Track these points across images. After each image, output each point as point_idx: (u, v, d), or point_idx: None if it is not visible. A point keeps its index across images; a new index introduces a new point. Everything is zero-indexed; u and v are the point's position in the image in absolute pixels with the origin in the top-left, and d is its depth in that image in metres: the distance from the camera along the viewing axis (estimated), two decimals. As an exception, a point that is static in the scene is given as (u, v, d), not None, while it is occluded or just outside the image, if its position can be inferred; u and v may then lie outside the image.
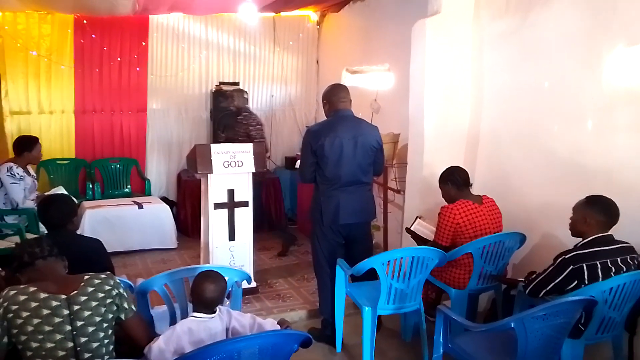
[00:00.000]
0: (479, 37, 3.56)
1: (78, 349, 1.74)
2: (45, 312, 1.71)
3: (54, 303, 1.73)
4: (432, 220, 3.34)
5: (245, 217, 3.76)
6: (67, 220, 2.51)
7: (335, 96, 3.13)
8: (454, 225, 2.93)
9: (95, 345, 1.78)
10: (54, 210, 2.48)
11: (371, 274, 2.78)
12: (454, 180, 3.04)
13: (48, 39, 5.21)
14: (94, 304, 1.80)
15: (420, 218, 3.43)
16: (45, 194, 4.10)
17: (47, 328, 1.70)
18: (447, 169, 3.12)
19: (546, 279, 2.38)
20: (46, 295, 1.74)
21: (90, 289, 1.81)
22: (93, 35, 5.33)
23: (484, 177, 3.49)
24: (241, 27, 5.92)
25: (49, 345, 1.70)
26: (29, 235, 3.80)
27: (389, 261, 2.69)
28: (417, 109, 3.67)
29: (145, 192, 5.59)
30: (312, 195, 3.23)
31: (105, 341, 1.82)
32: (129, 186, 5.70)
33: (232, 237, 3.74)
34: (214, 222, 3.68)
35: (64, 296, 1.76)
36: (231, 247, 3.75)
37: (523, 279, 2.62)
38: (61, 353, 1.71)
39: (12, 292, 1.72)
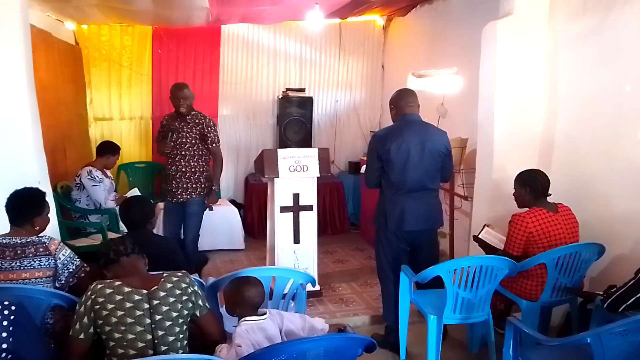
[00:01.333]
0: (554, 39, 3.41)
1: (156, 341, 1.85)
2: (128, 305, 1.83)
3: (136, 297, 1.85)
4: (501, 228, 3.23)
5: (309, 221, 3.83)
6: (147, 220, 2.69)
7: (402, 100, 3.11)
8: (526, 234, 2.81)
9: (171, 339, 1.88)
10: (136, 212, 2.67)
11: (436, 282, 2.73)
12: (534, 187, 2.90)
13: (129, 50, 5.58)
14: (171, 299, 1.90)
15: (488, 226, 3.33)
16: (124, 195, 4.40)
17: (129, 320, 1.82)
18: (528, 170, 2.99)
19: (626, 292, 2.24)
20: (129, 289, 1.86)
21: (168, 286, 1.92)
22: (170, 46, 5.64)
23: (559, 184, 3.31)
24: (308, 34, 6.03)
25: (130, 336, 1.81)
26: (111, 234, 4.08)
27: (455, 269, 2.64)
28: (487, 113, 3.57)
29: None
30: (377, 201, 3.22)
31: (180, 336, 1.91)
32: (200, 189, 5.95)
33: (296, 240, 3.82)
34: (280, 225, 3.77)
35: (145, 291, 1.88)
36: (296, 250, 3.82)
37: (601, 293, 2.47)
38: (141, 344, 1.82)
39: (99, 286, 1.86)
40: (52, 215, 2.96)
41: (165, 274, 1.97)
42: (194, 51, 5.76)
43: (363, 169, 3.61)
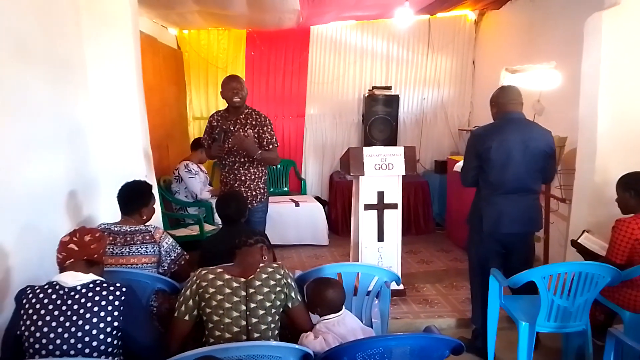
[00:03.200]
0: (667, 29, 3.10)
1: (249, 327, 1.96)
2: (227, 291, 1.96)
3: (235, 284, 1.98)
4: (602, 235, 3.00)
5: (394, 219, 3.81)
6: (241, 215, 2.84)
7: (504, 98, 2.99)
8: (631, 241, 2.60)
9: (263, 327, 1.97)
10: (233, 207, 2.84)
11: (529, 288, 2.61)
12: (639, 191, 2.69)
13: (225, 53, 5.89)
14: (265, 289, 2.00)
15: (587, 232, 3.11)
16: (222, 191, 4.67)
17: (227, 305, 1.95)
18: (632, 173, 2.77)
19: None
20: (229, 276, 1.99)
21: (264, 276, 2.03)
22: (262, 48, 5.88)
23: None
24: (395, 32, 5.99)
25: (227, 320, 1.94)
26: (207, 226, 4.35)
27: (551, 275, 2.50)
28: (589, 110, 3.33)
29: (301, 191, 5.97)
30: (473, 200, 3.14)
31: (272, 325, 2.01)
32: (287, 185, 6.16)
33: (380, 238, 3.82)
34: (364, 222, 3.79)
35: (242, 279, 2.00)
36: (379, 248, 3.83)
37: None
38: (235, 329, 1.94)
39: (203, 272, 2.01)
40: (157, 206, 3.22)
41: (261, 264, 2.07)
42: (284, 52, 5.95)
43: (457, 166, 3.52)
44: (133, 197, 2.69)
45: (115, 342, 1.79)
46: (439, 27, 6.07)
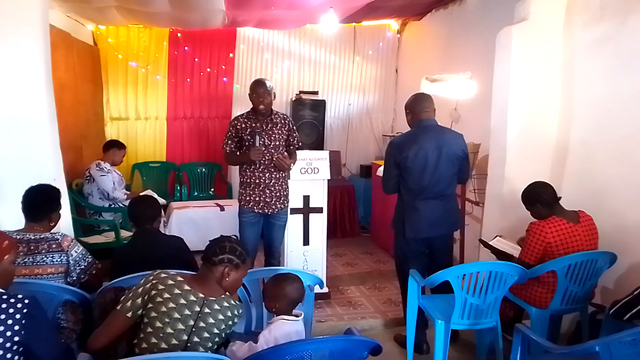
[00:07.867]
0: (571, 45, 3.38)
1: (188, 344, 1.85)
2: (182, 301, 1.85)
3: (192, 297, 1.87)
4: (513, 238, 3.22)
5: (319, 223, 3.84)
6: (151, 220, 2.69)
7: (418, 106, 3.11)
8: (544, 244, 2.77)
9: (201, 350, 1.87)
10: (140, 210, 2.70)
11: (449, 287, 2.72)
12: (543, 200, 2.87)
13: (146, 51, 5.65)
14: (220, 317, 1.91)
15: (500, 237, 3.31)
16: (140, 194, 4.46)
17: (176, 315, 1.83)
18: (529, 188, 2.96)
19: (632, 301, 2.22)
20: (189, 288, 1.89)
21: (225, 304, 1.93)
22: (186, 48, 5.71)
23: (573, 193, 3.28)
24: (322, 38, 6.05)
25: (169, 330, 1.82)
26: (124, 232, 4.14)
27: (464, 274, 2.63)
28: (500, 119, 3.55)
29: (227, 195, 5.85)
30: (396, 205, 3.24)
31: (209, 352, 1.90)
32: (212, 189, 6.01)
33: (306, 242, 3.84)
34: (290, 226, 3.78)
35: (202, 295, 1.89)
36: (305, 252, 3.85)
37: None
38: (174, 342, 1.83)
39: (163, 275, 1.90)
40: (67, 212, 3.00)
41: (227, 293, 1.99)
42: (209, 53, 5.82)
43: (379, 170, 3.60)
44: (40, 203, 2.52)
45: (16, 357, 1.64)
46: (365, 35, 6.21)
